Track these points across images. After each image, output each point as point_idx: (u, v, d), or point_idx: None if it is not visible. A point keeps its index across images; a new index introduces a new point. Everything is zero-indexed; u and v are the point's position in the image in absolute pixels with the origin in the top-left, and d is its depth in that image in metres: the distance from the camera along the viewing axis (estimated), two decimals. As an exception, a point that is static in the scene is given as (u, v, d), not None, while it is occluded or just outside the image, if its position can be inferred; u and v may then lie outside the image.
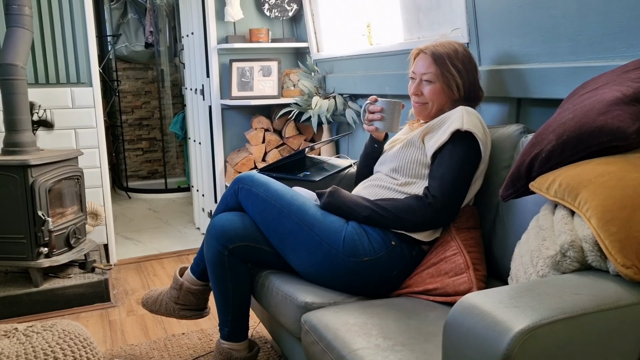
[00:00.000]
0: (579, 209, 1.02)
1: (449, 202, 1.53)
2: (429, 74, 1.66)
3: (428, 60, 1.66)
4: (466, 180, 1.56)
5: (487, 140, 1.58)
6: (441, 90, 1.66)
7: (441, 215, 1.54)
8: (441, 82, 1.65)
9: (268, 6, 3.25)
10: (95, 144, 2.98)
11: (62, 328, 1.61)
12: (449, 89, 1.65)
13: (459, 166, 1.54)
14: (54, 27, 2.83)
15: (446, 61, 1.63)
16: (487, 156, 1.60)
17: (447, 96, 1.67)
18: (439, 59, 1.64)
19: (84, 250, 2.63)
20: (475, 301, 0.89)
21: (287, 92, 3.20)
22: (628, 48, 1.36)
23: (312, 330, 1.37)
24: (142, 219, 4.23)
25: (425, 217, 1.54)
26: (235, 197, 1.75)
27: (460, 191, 1.55)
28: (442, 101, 1.68)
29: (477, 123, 1.56)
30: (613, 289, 0.91)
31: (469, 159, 1.55)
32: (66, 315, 2.45)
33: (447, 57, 1.64)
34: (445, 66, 1.64)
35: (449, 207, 1.54)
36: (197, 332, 2.25)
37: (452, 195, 1.53)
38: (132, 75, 5.41)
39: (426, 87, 1.67)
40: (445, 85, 1.65)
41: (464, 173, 1.55)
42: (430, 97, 1.67)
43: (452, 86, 1.65)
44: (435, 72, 1.65)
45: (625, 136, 1.04)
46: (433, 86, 1.66)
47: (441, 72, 1.64)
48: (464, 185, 1.56)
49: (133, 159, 5.51)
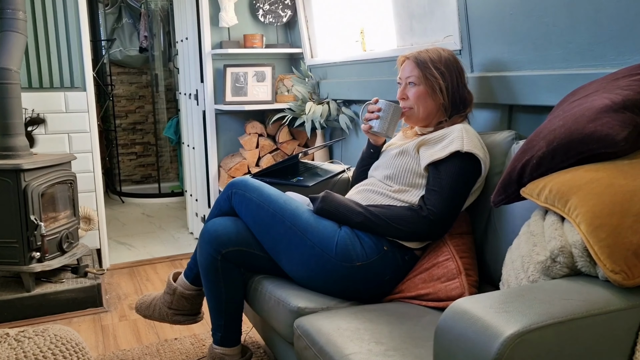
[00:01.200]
0: (568, 215, 1.03)
1: (445, 217, 1.53)
2: (412, 76, 1.68)
3: (411, 65, 1.69)
4: (463, 197, 1.57)
5: (487, 158, 1.59)
6: (425, 93, 1.67)
7: (435, 229, 1.54)
8: (424, 84, 1.67)
9: (262, 12, 3.26)
10: (89, 149, 2.97)
11: (54, 333, 1.60)
12: (432, 91, 1.67)
13: (457, 183, 1.54)
14: (48, 31, 2.83)
15: (429, 64, 1.66)
16: (486, 173, 1.60)
17: (433, 100, 1.68)
18: (421, 63, 1.67)
19: (76, 254, 2.62)
20: (465, 306, 0.89)
21: (281, 98, 3.20)
22: (617, 56, 1.37)
23: (305, 335, 1.38)
24: (135, 223, 4.21)
25: (419, 228, 1.54)
26: (229, 202, 1.75)
27: (457, 207, 1.56)
28: (427, 105, 1.68)
29: (477, 143, 1.58)
30: (602, 294, 0.92)
31: (468, 177, 1.56)
32: (58, 320, 2.44)
33: (429, 60, 1.66)
34: (428, 69, 1.66)
35: (444, 222, 1.54)
36: (190, 337, 2.24)
37: (449, 211, 1.53)
38: (126, 79, 5.41)
39: (410, 90, 1.69)
40: (429, 87, 1.67)
41: (462, 190, 1.55)
42: (415, 101, 1.68)
43: (436, 89, 1.66)
44: (418, 74, 1.67)
45: (614, 143, 1.06)
46: (417, 89, 1.68)
47: (424, 75, 1.66)
48: (461, 201, 1.57)
49: (127, 164, 5.49)
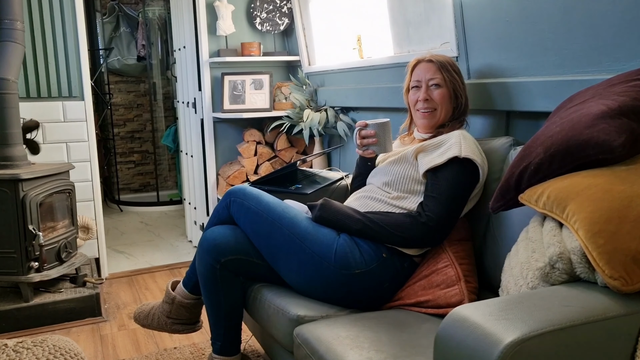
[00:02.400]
0: (567, 221, 1.03)
1: (443, 223, 1.53)
2: (437, 78, 1.67)
3: (434, 67, 1.68)
4: (461, 203, 1.57)
5: (484, 164, 1.59)
6: (448, 95, 1.68)
7: (433, 235, 1.54)
8: (449, 87, 1.67)
9: (260, 20, 3.28)
10: (87, 158, 2.97)
11: (53, 343, 1.59)
12: (455, 95, 1.68)
13: (456, 189, 1.54)
14: (45, 41, 2.84)
15: (449, 67, 1.68)
16: (484, 179, 1.60)
17: (452, 105, 1.69)
18: (443, 66, 1.67)
19: (75, 264, 2.62)
20: (465, 313, 0.89)
21: (279, 105, 3.21)
22: (613, 62, 1.38)
23: (305, 344, 1.37)
24: (134, 232, 4.20)
25: (417, 235, 1.54)
26: (227, 210, 1.75)
27: (455, 213, 1.56)
28: (449, 107, 1.69)
29: (475, 149, 1.58)
30: (601, 301, 0.92)
31: (466, 183, 1.56)
32: (57, 331, 2.43)
33: (448, 64, 1.68)
34: (450, 72, 1.67)
35: (442, 228, 1.54)
36: (189, 347, 2.24)
37: (447, 217, 1.53)
38: (124, 88, 5.41)
39: (435, 91, 1.68)
40: (452, 90, 1.67)
41: (460, 196, 1.56)
42: (440, 101, 1.67)
43: (458, 92, 1.68)
44: (442, 77, 1.67)
45: (612, 149, 1.06)
46: (441, 90, 1.67)
47: (449, 78, 1.67)
48: (459, 207, 1.57)
49: (125, 172, 5.49)
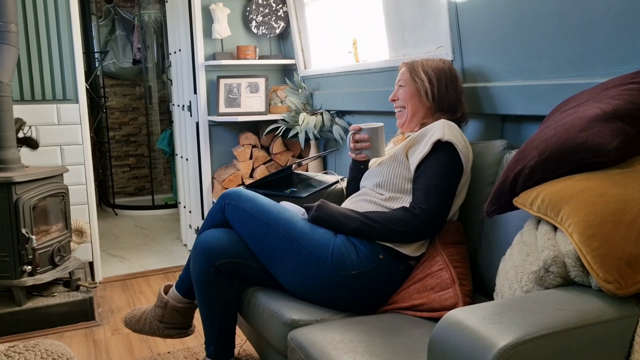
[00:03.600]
0: (561, 225, 1.03)
1: (435, 213, 1.54)
2: (402, 79, 1.81)
3: (404, 69, 1.81)
4: (450, 191, 1.58)
5: (468, 152, 1.61)
6: (412, 93, 1.76)
7: (428, 227, 1.55)
8: (411, 85, 1.76)
9: (255, 23, 3.28)
10: (81, 161, 2.96)
11: (45, 348, 1.58)
12: (418, 93, 1.75)
13: (442, 177, 1.56)
14: (40, 43, 2.82)
15: (417, 68, 1.77)
16: (469, 168, 1.62)
17: (420, 101, 1.75)
18: (411, 67, 1.78)
19: (68, 268, 2.60)
20: (459, 317, 0.89)
21: (275, 109, 3.21)
22: (608, 66, 1.38)
23: (299, 348, 1.37)
24: (128, 236, 4.19)
25: (413, 228, 1.54)
26: (222, 213, 1.74)
27: (446, 202, 1.57)
28: (414, 105, 1.76)
29: (458, 135, 1.61)
30: (595, 304, 0.91)
31: (451, 169, 1.58)
32: (50, 335, 2.41)
33: (420, 65, 1.77)
34: (416, 72, 1.77)
35: (436, 218, 1.55)
36: (183, 351, 2.22)
37: (438, 206, 1.55)
38: (119, 91, 5.40)
39: (399, 90, 1.80)
40: (415, 89, 1.76)
41: (447, 183, 1.57)
42: (404, 99, 1.78)
43: (421, 90, 1.74)
44: (406, 77, 1.79)
45: (606, 152, 1.06)
46: (404, 89, 1.79)
47: (411, 77, 1.77)
48: (449, 196, 1.58)
49: (120, 176, 5.47)
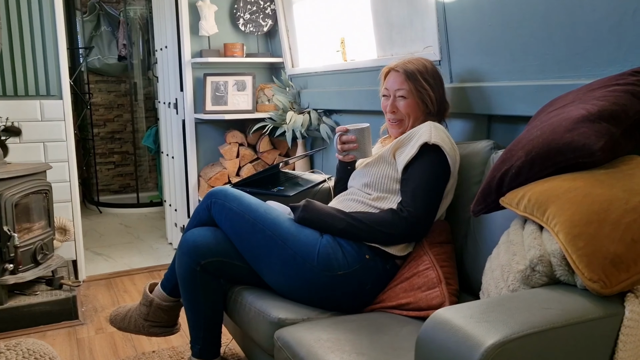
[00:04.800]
0: (547, 224, 1.03)
1: (423, 216, 1.54)
2: (403, 90, 1.70)
3: (401, 77, 1.70)
4: (437, 193, 1.58)
5: (455, 154, 1.61)
6: (415, 104, 1.70)
7: (415, 229, 1.55)
8: (415, 97, 1.69)
9: (243, 21, 3.26)
10: (65, 158, 2.92)
11: (27, 347, 1.56)
12: (422, 103, 1.70)
13: (429, 180, 1.56)
14: (23, 38, 2.78)
15: (418, 77, 1.68)
16: (456, 170, 1.63)
17: (421, 110, 1.71)
18: (411, 76, 1.69)
19: (51, 266, 2.57)
20: (446, 316, 0.89)
21: (262, 107, 3.19)
22: (593, 67, 1.40)
23: (285, 347, 1.36)
24: (113, 234, 4.14)
25: (400, 230, 1.54)
26: (208, 212, 1.73)
27: (433, 204, 1.57)
28: (416, 115, 1.71)
29: (445, 137, 1.60)
30: (581, 303, 0.92)
31: (438, 172, 1.58)
32: (32, 334, 2.38)
33: (418, 72, 1.69)
34: (418, 82, 1.68)
35: (423, 221, 1.55)
36: (168, 350, 2.20)
37: (425, 209, 1.55)
38: (104, 88, 5.34)
39: (400, 102, 1.71)
40: (419, 100, 1.70)
41: (435, 186, 1.57)
42: (406, 112, 1.71)
43: (426, 100, 1.69)
44: (408, 88, 1.69)
45: (591, 153, 1.07)
46: (407, 101, 1.70)
47: (415, 88, 1.69)
48: (436, 198, 1.58)
49: (105, 173, 5.41)
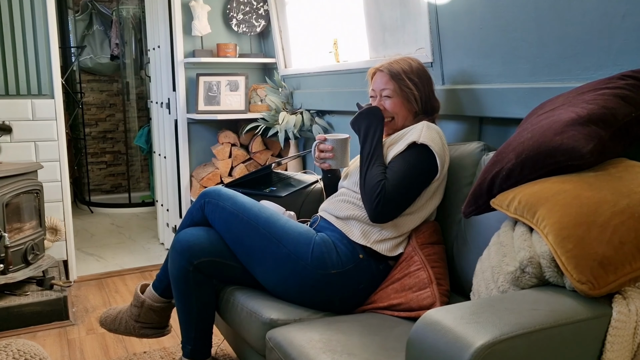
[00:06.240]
0: (537, 226, 1.04)
1: (393, 197, 1.54)
2: (387, 89, 1.73)
3: (385, 77, 1.73)
4: (415, 185, 1.59)
5: (444, 154, 1.62)
6: (401, 103, 1.72)
7: (386, 207, 1.55)
8: (400, 96, 1.72)
9: (236, 21, 3.26)
10: (56, 157, 2.90)
11: (17, 348, 1.55)
12: (408, 102, 1.72)
13: (410, 169, 1.57)
14: (14, 36, 2.76)
15: (402, 76, 1.71)
16: (445, 170, 1.63)
17: (407, 109, 1.73)
18: (395, 75, 1.71)
19: (42, 266, 2.55)
20: (437, 317, 0.90)
21: (255, 107, 3.19)
22: (583, 71, 1.41)
23: (277, 348, 1.36)
24: (104, 234, 4.13)
25: (374, 199, 1.55)
26: (201, 212, 1.73)
27: (407, 193, 1.57)
28: (404, 113, 1.73)
29: (436, 137, 1.61)
30: (569, 304, 0.93)
31: (423, 168, 1.59)
32: (22, 335, 2.37)
33: (402, 72, 1.71)
34: (402, 81, 1.71)
35: (391, 203, 1.54)
36: (160, 351, 2.20)
37: (398, 192, 1.55)
38: (96, 87, 5.32)
39: (386, 102, 1.73)
40: (404, 99, 1.72)
41: (414, 176, 1.58)
42: (393, 110, 1.73)
43: (411, 99, 1.71)
44: (393, 87, 1.72)
45: (580, 156, 1.08)
46: (392, 100, 1.72)
47: (399, 87, 1.71)
48: (412, 189, 1.58)
49: (96, 173, 5.39)
